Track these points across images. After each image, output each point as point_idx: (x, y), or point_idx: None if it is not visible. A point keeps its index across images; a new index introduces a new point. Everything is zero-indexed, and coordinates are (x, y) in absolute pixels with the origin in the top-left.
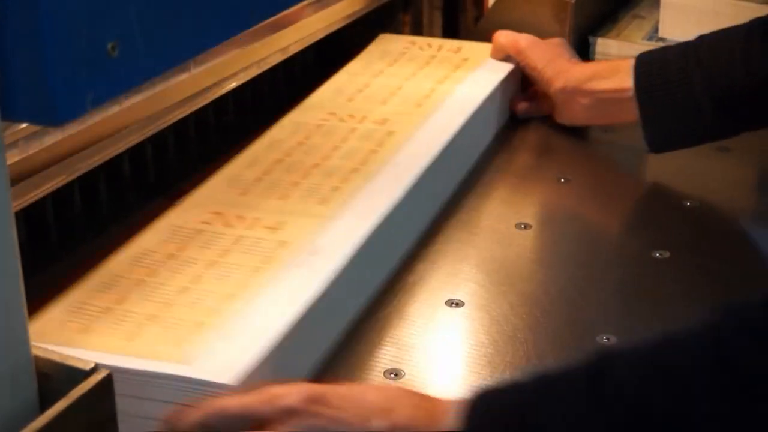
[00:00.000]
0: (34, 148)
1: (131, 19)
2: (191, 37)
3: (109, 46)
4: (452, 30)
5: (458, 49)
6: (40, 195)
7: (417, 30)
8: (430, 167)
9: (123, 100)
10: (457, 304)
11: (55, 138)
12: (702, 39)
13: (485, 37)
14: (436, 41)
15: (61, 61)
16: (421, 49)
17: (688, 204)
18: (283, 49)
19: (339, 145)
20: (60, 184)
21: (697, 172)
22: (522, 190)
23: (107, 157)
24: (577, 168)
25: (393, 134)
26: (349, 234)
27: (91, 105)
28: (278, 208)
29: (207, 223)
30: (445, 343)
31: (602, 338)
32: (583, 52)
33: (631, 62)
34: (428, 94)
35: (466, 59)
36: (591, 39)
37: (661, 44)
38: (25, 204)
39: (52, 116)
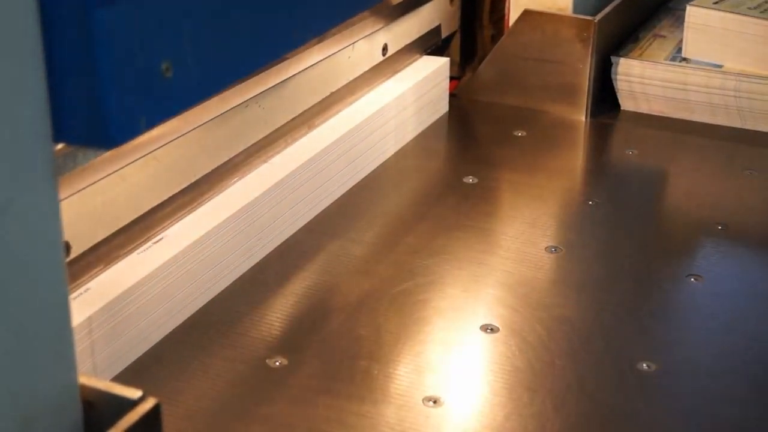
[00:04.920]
0: None
1: (185, 39)
2: (242, 57)
3: (163, 66)
4: (470, 49)
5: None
6: None
7: (434, 48)
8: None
9: None
10: (492, 330)
11: None
12: None
13: (504, 56)
14: None
15: (116, 83)
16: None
17: (719, 228)
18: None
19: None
20: None
21: (724, 194)
22: (550, 213)
23: None
24: (603, 191)
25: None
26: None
27: (145, 126)
28: None
29: None
30: (483, 369)
31: (643, 365)
32: (606, 72)
33: None
34: None
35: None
36: (613, 59)
37: (684, 65)
38: None
39: (105, 138)
